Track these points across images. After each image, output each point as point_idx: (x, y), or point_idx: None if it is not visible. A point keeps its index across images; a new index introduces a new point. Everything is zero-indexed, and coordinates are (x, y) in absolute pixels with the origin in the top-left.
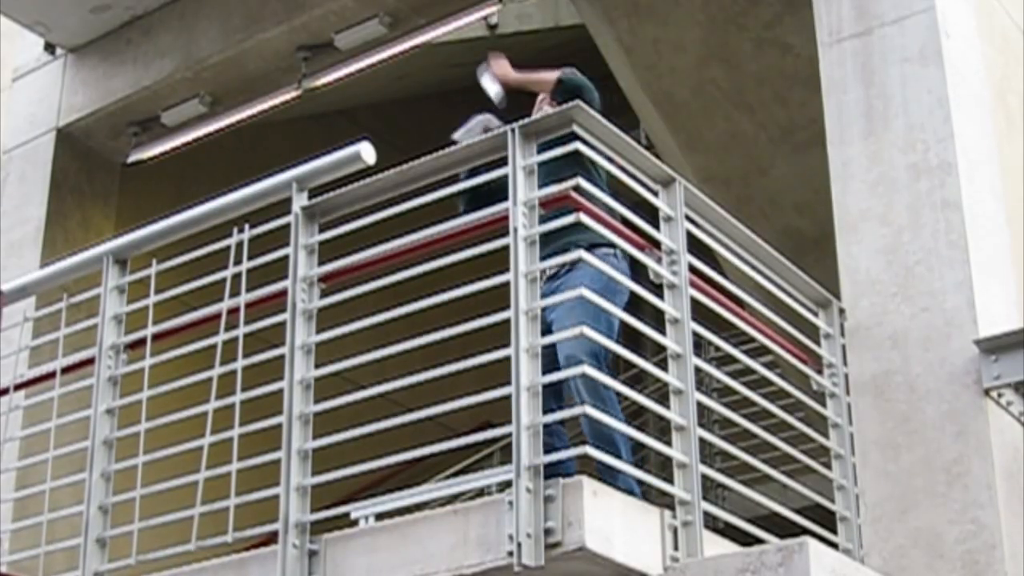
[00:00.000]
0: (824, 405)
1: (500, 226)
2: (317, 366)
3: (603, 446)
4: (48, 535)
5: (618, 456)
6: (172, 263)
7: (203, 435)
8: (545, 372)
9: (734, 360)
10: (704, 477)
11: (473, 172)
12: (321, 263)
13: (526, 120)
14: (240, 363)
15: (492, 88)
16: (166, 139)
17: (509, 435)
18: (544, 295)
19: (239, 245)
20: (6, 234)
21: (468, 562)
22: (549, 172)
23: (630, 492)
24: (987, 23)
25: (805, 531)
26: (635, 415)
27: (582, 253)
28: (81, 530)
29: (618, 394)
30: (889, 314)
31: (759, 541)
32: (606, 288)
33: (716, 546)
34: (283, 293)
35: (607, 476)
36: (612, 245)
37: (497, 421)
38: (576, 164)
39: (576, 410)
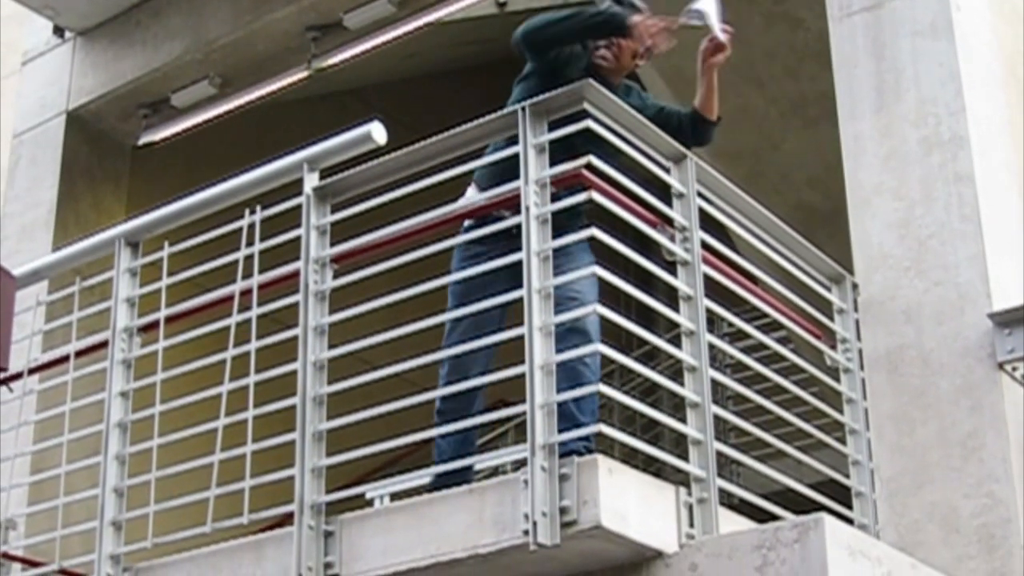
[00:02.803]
0: (838, 380)
1: (511, 204)
2: (331, 347)
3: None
4: (64, 519)
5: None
6: (184, 245)
7: (217, 417)
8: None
9: (747, 336)
10: (719, 454)
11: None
12: (333, 244)
13: (536, 99)
14: (253, 345)
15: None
16: (176, 121)
17: (523, 414)
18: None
19: (251, 227)
20: (18, 218)
21: (484, 541)
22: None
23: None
24: None
25: (820, 507)
26: (649, 392)
27: (595, 231)
28: (97, 513)
29: (631, 371)
30: (902, 288)
31: (774, 517)
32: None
33: (731, 523)
34: (295, 274)
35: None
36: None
37: (511, 400)
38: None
39: (590, 388)
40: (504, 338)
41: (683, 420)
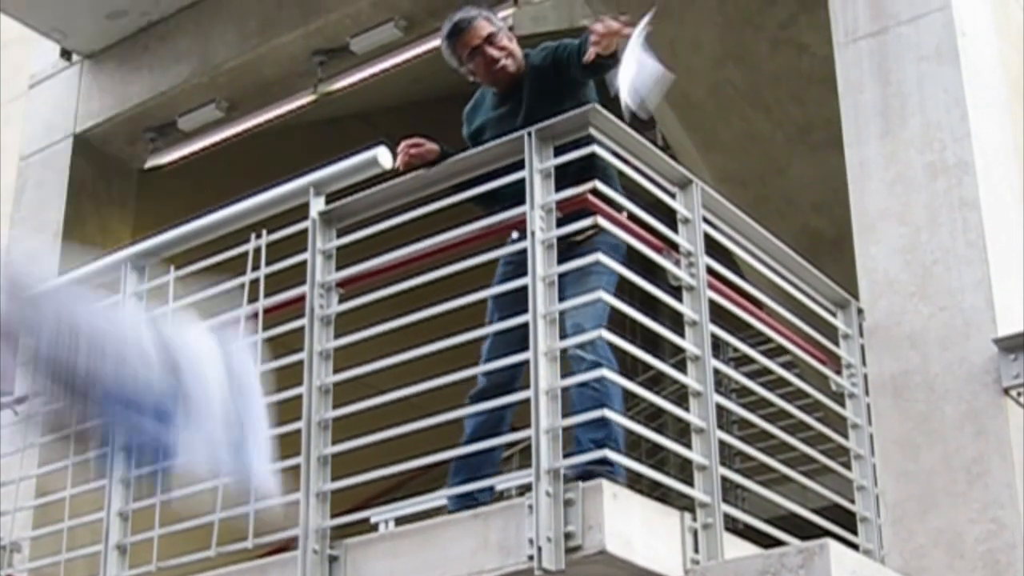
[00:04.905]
0: (843, 405)
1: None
2: (336, 371)
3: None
4: (68, 542)
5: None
6: (190, 269)
7: None
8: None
9: (752, 361)
10: (724, 479)
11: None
12: (339, 268)
13: (542, 124)
14: (258, 368)
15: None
16: (183, 144)
17: (528, 439)
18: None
19: (256, 251)
20: (24, 240)
21: (488, 566)
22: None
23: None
24: (1003, 20)
25: (825, 532)
26: (653, 417)
27: (601, 257)
28: (101, 536)
29: (636, 396)
30: (907, 314)
31: (779, 542)
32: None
33: (736, 548)
34: (301, 298)
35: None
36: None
37: (517, 424)
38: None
39: (595, 413)
40: (511, 363)
41: (688, 445)
